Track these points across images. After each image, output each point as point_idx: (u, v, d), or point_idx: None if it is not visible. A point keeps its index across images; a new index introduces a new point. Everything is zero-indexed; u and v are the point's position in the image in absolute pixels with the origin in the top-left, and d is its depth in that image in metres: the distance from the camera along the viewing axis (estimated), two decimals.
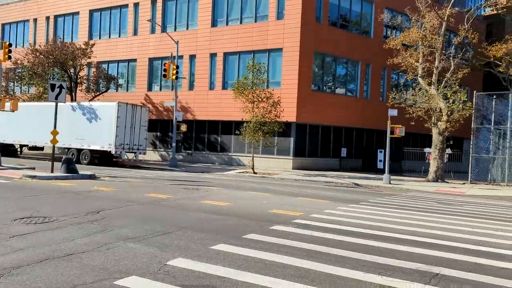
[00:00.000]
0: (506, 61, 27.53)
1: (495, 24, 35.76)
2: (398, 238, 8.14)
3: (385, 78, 31.64)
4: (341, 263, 6.22)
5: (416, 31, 24.83)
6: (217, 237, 7.53)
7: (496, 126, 25.48)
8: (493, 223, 10.71)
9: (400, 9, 28.56)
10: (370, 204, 13.14)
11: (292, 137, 26.77)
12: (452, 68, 24.61)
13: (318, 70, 28.39)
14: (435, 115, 24.02)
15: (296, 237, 7.73)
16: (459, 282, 5.64)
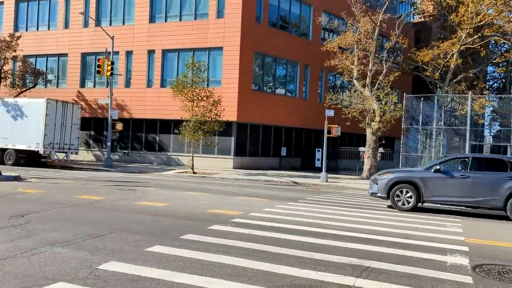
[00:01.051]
0: (432, 66, 29.40)
1: (423, 31, 38.20)
2: (334, 234, 8.38)
3: (323, 79, 32.61)
4: (278, 260, 6.28)
5: (352, 35, 25.84)
6: (153, 238, 7.31)
7: (423, 127, 27.13)
8: (420, 217, 11.38)
9: (337, 13, 29.57)
10: (308, 202, 13.44)
11: (233, 137, 26.76)
12: (385, 71, 25.89)
13: (258, 70, 28.64)
14: (369, 116, 25.13)
15: (234, 236, 7.70)
16: (387, 274, 5.91)
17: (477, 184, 11.68)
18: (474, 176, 11.80)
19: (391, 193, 12.53)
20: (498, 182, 11.53)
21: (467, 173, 11.95)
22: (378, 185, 12.85)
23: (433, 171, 12.21)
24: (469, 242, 8.25)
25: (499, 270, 6.29)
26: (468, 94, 25.48)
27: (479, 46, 28.49)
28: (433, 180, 12.12)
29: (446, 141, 27.81)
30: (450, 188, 11.94)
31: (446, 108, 29.58)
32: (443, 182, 12.01)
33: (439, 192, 12.09)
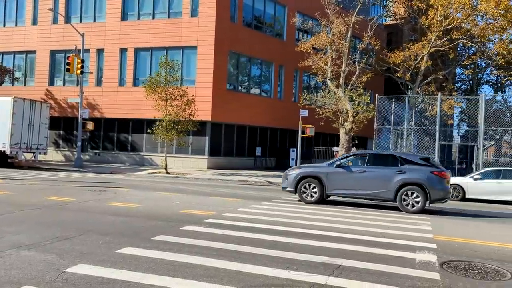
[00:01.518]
0: (403, 67, 30.08)
1: (395, 33, 39.02)
2: (307, 233, 8.44)
3: (297, 79, 32.84)
4: (251, 260, 6.27)
5: (325, 36, 26.11)
6: (124, 240, 7.17)
7: (395, 127, 27.72)
8: (391, 215, 11.60)
9: (311, 14, 29.81)
10: (282, 202, 13.49)
11: (207, 136, 26.60)
12: (357, 72, 26.26)
13: (233, 70, 28.57)
14: (342, 116, 25.44)
15: (207, 237, 7.65)
16: (358, 272, 5.98)
17: (372, 178, 12.53)
18: (369, 170, 12.68)
19: (298, 187, 13.25)
20: (389, 176, 12.38)
21: (364, 168, 12.79)
22: (287, 180, 13.50)
23: (335, 166, 13.05)
24: (437, 239, 8.46)
25: (465, 266, 6.48)
26: (438, 96, 26.21)
27: (448, 48, 29.33)
28: (335, 175, 12.93)
29: (416, 141, 28.50)
30: (349, 182, 12.77)
31: (417, 109, 30.32)
32: (343, 177, 12.84)
33: (340, 185, 12.89)
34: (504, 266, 6.59)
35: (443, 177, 12.32)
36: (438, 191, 12.10)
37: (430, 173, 12.23)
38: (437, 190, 12.09)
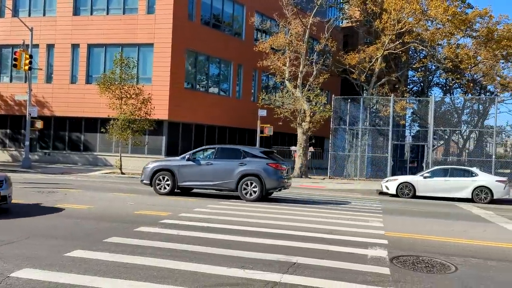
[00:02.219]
0: (358, 69, 30.91)
1: (351, 35, 39.99)
2: (263, 232, 8.47)
3: (256, 79, 32.95)
4: (206, 260, 6.22)
5: (283, 37, 26.39)
6: (74, 242, 6.90)
7: (350, 127, 28.46)
8: (345, 213, 11.87)
9: (269, 14, 30.02)
10: (240, 201, 13.46)
11: (164, 136, 26.13)
12: (315, 73, 26.74)
13: (191, 68, 28.24)
14: (300, 116, 25.81)
15: (162, 238, 7.51)
16: (313, 269, 6.07)
17: (218, 170, 13.37)
18: (215, 163, 13.54)
19: (153, 180, 13.89)
20: (232, 167, 13.31)
21: (211, 160, 13.61)
22: (144, 173, 14.16)
23: (186, 160, 13.75)
24: (388, 235, 8.74)
25: (413, 261, 6.73)
26: (391, 97, 27.18)
27: (401, 51, 30.44)
28: (185, 168, 13.67)
29: (371, 141, 29.43)
30: (198, 174, 13.55)
31: (371, 110, 31.30)
32: (193, 169, 13.59)
33: (189, 177, 13.62)
34: (449, 259, 6.91)
35: (277, 168, 13.31)
36: (272, 181, 13.11)
37: (266, 165, 13.24)
38: (272, 180, 13.09)
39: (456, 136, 37.17)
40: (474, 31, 31.17)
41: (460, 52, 30.65)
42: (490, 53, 29.60)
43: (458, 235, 9.17)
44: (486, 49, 29.79)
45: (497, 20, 30.96)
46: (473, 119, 36.11)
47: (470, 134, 35.80)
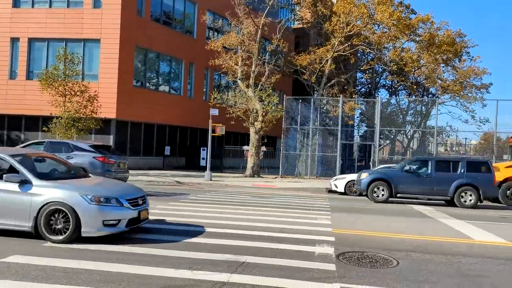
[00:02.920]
0: (309, 70, 31.48)
1: (302, 37, 40.67)
2: (213, 232, 8.40)
3: (208, 78, 32.69)
4: (153, 262, 6.09)
5: (235, 36, 26.36)
6: (10, 247, 6.50)
7: (301, 127, 28.95)
8: (294, 211, 12.03)
9: (222, 13, 29.86)
10: (191, 201, 13.30)
11: (111, 135, 25.25)
12: (267, 73, 26.93)
13: (140, 66, 27.52)
14: (252, 116, 25.91)
15: (107, 241, 7.23)
16: (261, 268, 6.10)
17: None
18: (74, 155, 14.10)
19: None
20: None
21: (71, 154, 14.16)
22: None
23: None
24: (335, 232, 8.95)
25: (358, 256, 6.93)
26: (340, 98, 27.93)
27: (349, 53, 31.35)
28: None
29: (321, 140, 30.08)
30: None
31: (322, 110, 32.01)
32: None
33: None
34: (392, 254, 7.18)
35: (103, 161, 14.18)
36: (98, 174, 13.12)
37: (93, 158, 14.13)
38: (97, 174, 13.26)
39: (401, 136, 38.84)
40: (418, 35, 32.70)
41: (404, 56, 32.05)
42: (432, 57, 31.18)
43: (401, 231, 9.56)
44: (428, 53, 31.35)
45: (438, 26, 32.70)
46: (416, 120, 37.88)
47: (414, 134, 37.54)
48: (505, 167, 17.45)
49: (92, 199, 7.03)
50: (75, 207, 6.93)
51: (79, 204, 6.96)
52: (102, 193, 7.30)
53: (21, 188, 7.12)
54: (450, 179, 15.14)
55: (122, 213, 7.25)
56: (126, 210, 7.29)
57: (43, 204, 7.00)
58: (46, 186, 7.17)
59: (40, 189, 7.11)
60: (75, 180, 7.95)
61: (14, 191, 7.12)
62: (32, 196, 7.06)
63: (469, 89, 33.74)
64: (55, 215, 6.98)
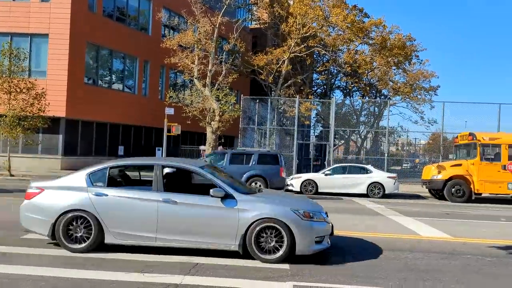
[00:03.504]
0: (266, 70, 31.66)
1: (259, 37, 40.84)
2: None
3: (164, 76, 32.08)
4: (103, 266, 5.92)
5: (192, 34, 26.01)
6: None
7: (259, 127, 29.05)
8: None
9: (178, 11, 29.40)
10: None
11: (61, 134, 24.18)
12: (224, 72, 26.77)
13: (92, 63, 26.55)
14: (209, 115, 25.65)
15: (52, 245, 6.93)
16: (215, 269, 6.04)
17: None
18: None
19: None
20: None
21: None
22: None
23: None
24: None
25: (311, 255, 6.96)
26: (296, 98, 28.28)
27: (306, 55, 31.84)
28: None
29: (278, 140, 30.35)
30: None
31: (279, 110, 32.29)
32: None
33: None
34: None
35: None
36: None
37: None
38: None
39: (355, 136, 39.91)
40: (371, 38, 33.74)
41: (358, 58, 32.97)
42: (384, 60, 32.27)
43: (354, 229, 9.77)
44: (380, 56, 32.41)
45: (390, 30, 33.87)
46: (370, 120, 39.05)
47: (367, 134, 38.67)
48: (450, 166, 18.33)
49: (304, 215, 6.44)
50: (289, 224, 6.30)
51: (293, 220, 6.34)
52: (308, 207, 6.72)
53: (225, 203, 6.44)
54: (243, 170, 15.87)
55: (326, 229, 6.71)
56: (328, 225, 6.76)
57: (254, 221, 6.32)
58: (250, 200, 6.54)
59: (246, 204, 6.44)
60: (270, 194, 7.49)
61: (217, 206, 6.44)
62: (239, 212, 6.38)
63: (418, 91, 35.17)
64: (265, 232, 6.34)
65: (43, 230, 6.60)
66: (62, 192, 6.63)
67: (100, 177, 6.78)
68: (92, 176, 6.76)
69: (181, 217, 6.43)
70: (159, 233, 6.42)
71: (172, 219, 6.44)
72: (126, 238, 6.49)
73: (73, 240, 6.51)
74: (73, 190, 6.62)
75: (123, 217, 6.48)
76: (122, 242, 6.51)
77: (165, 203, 6.44)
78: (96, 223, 6.46)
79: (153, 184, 6.67)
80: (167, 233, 6.43)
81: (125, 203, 6.52)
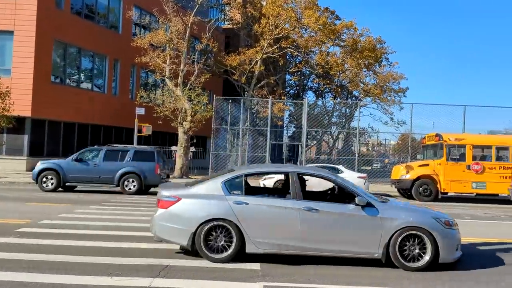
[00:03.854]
0: (239, 70, 31.60)
1: (232, 37, 40.73)
2: (134, 236, 8.09)
3: (134, 75, 31.52)
4: (69, 270, 5.72)
5: (163, 33, 25.68)
6: None
7: (231, 127, 28.99)
8: None
9: (149, 9, 28.94)
10: (112, 204, 12.71)
11: (26, 134, 23.36)
12: (196, 72, 26.56)
13: (60, 61, 25.79)
14: (181, 115, 25.39)
15: (16, 248, 6.71)
16: (186, 270, 5.96)
17: None
18: None
19: None
20: None
21: None
22: None
23: None
24: None
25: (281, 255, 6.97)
26: (269, 99, 28.38)
27: (278, 56, 31.99)
28: None
29: (251, 141, 30.38)
30: None
31: (252, 111, 32.32)
32: None
33: None
34: None
35: None
36: None
37: None
38: None
39: (327, 137, 40.41)
40: (342, 41, 34.25)
41: (330, 60, 33.38)
42: (355, 62, 32.81)
43: None
44: (351, 58, 32.94)
45: (361, 32, 34.47)
46: (341, 121, 39.62)
47: (339, 134, 39.24)
48: (418, 166, 18.82)
49: (445, 223, 6.49)
50: (432, 232, 6.30)
51: (435, 228, 6.35)
52: (444, 215, 6.82)
53: (367, 212, 6.36)
54: (116, 167, 15.72)
55: (460, 236, 6.78)
56: (459, 232, 6.79)
57: (398, 229, 6.27)
58: (390, 208, 6.55)
59: (387, 212, 6.41)
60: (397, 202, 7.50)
61: (360, 215, 6.36)
62: (381, 221, 6.31)
63: (388, 92, 35.91)
64: (408, 240, 6.31)
65: (182, 240, 6.44)
66: (200, 201, 6.50)
67: (237, 185, 6.78)
68: (228, 184, 6.66)
69: (323, 226, 6.39)
70: (301, 242, 6.37)
71: (314, 227, 6.39)
72: (268, 247, 6.39)
73: (213, 250, 6.36)
74: (211, 199, 6.49)
75: (264, 226, 6.37)
76: (263, 251, 6.40)
77: (306, 211, 6.37)
78: (237, 232, 6.33)
79: (291, 192, 6.62)
80: (309, 242, 6.39)
81: (266, 211, 6.43)
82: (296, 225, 6.32)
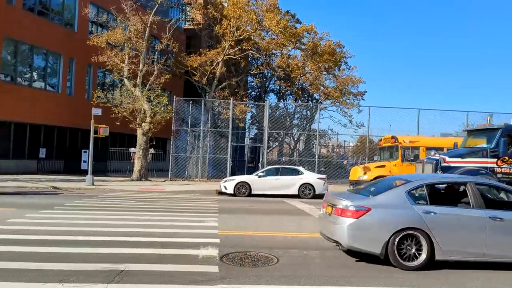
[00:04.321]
0: (200, 71, 31.29)
1: (193, 38, 40.29)
2: (88, 241, 7.79)
3: (91, 75, 30.52)
4: (17, 277, 5.46)
5: (121, 32, 25.01)
6: None
7: (192, 129, 28.68)
8: (181, 215, 11.75)
9: (106, 7, 28.13)
10: (66, 208, 12.20)
11: None
12: (156, 72, 26.05)
13: (10, 59, 24.57)
14: (139, 116, 24.83)
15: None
16: (142, 275, 5.81)
17: None
18: None
19: None
20: None
21: None
22: None
23: None
24: (221, 234, 8.91)
25: (241, 257, 6.97)
26: (231, 100, 28.28)
27: (240, 57, 31.95)
28: None
29: (213, 142, 30.15)
30: None
31: (213, 112, 32.10)
32: None
33: None
34: (273, 252, 7.37)
35: None
36: None
37: None
38: None
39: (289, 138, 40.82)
40: (303, 44, 34.68)
41: (291, 63, 33.73)
42: (315, 65, 33.31)
43: (284, 229, 9.93)
44: (312, 61, 33.42)
45: (321, 36, 35.04)
46: (302, 123, 40.14)
47: (300, 136, 39.74)
48: (375, 167, 19.37)
49: None
50: None
51: None
52: None
53: None
54: None
55: None
56: None
57: None
58: None
59: None
60: None
61: None
62: None
63: (347, 95, 36.71)
64: None
65: (375, 249, 6.63)
66: (389, 211, 6.69)
67: (420, 194, 7.14)
68: (411, 193, 6.91)
69: (508, 233, 6.69)
70: (488, 249, 6.63)
71: (499, 235, 6.68)
72: (455, 254, 6.66)
73: (405, 258, 6.56)
74: (399, 209, 6.70)
75: (453, 234, 6.61)
76: (451, 258, 6.66)
77: (491, 220, 6.69)
78: (428, 241, 6.55)
79: (473, 201, 6.88)
80: (495, 249, 6.66)
81: (454, 220, 6.68)
82: (483, 233, 6.65)
